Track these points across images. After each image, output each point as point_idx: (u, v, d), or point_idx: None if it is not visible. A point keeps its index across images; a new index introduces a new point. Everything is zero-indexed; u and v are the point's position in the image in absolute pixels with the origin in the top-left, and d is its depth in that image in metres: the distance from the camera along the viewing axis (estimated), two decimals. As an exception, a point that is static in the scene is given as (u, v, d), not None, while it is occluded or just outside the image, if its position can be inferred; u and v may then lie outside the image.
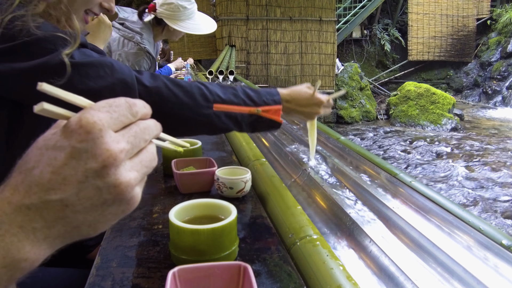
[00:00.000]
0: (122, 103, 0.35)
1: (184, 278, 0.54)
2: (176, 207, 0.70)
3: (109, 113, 0.34)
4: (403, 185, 1.37)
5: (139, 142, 0.36)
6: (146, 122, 0.38)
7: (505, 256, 0.96)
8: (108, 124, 0.33)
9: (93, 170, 0.32)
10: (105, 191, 0.33)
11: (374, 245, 1.01)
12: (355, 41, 12.44)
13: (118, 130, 0.35)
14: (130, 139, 0.35)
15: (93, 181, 0.32)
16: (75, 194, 0.32)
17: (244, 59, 8.13)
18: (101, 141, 0.32)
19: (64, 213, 0.33)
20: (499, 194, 4.75)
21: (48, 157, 0.32)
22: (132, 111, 0.36)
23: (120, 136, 0.34)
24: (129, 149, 0.34)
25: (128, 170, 0.34)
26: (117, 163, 0.33)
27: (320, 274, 0.65)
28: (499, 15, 11.83)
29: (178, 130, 0.89)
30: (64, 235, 0.34)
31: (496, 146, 6.91)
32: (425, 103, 8.70)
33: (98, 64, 0.74)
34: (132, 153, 0.35)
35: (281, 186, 0.99)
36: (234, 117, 0.89)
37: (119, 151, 0.33)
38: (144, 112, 0.38)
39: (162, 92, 0.82)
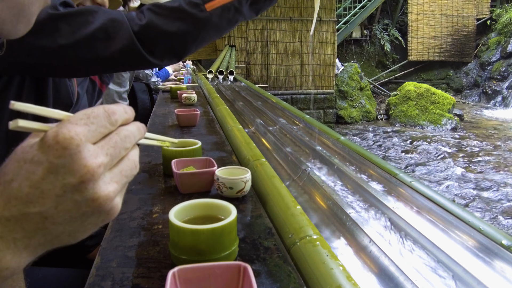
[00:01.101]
0: (100, 113, 0.35)
1: (184, 278, 0.54)
2: (176, 207, 0.70)
3: (86, 125, 0.33)
4: (403, 185, 1.37)
5: (119, 152, 0.35)
6: (127, 129, 0.37)
7: (505, 256, 0.96)
8: (85, 137, 0.33)
9: (71, 185, 0.32)
10: (84, 205, 0.33)
11: (374, 245, 1.02)
12: (355, 41, 12.44)
13: (97, 141, 0.34)
14: (110, 151, 0.34)
15: (71, 195, 0.32)
16: (54, 207, 0.32)
17: (244, 59, 8.13)
18: (78, 157, 0.32)
19: (43, 224, 0.33)
20: (499, 194, 4.76)
21: (26, 171, 0.32)
22: (111, 120, 0.35)
23: (99, 148, 0.34)
24: (107, 162, 0.34)
25: (107, 182, 0.34)
26: (95, 178, 0.33)
27: (320, 274, 0.65)
28: (499, 15, 11.83)
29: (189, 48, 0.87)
30: (45, 244, 0.34)
31: (496, 146, 6.91)
32: (425, 103, 8.70)
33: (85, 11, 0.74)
34: (111, 164, 0.35)
35: (281, 186, 0.99)
36: (231, 6, 0.85)
37: (97, 166, 0.33)
38: (125, 117, 0.37)
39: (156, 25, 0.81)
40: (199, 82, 3.90)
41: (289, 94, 8.30)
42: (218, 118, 2.00)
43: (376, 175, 1.54)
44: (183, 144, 1.16)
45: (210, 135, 1.60)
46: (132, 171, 0.37)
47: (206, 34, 0.87)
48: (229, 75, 5.47)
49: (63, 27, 0.70)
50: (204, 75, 5.12)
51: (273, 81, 8.33)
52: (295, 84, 8.43)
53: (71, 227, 0.34)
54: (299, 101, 8.31)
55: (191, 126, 1.74)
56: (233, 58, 6.86)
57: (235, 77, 5.47)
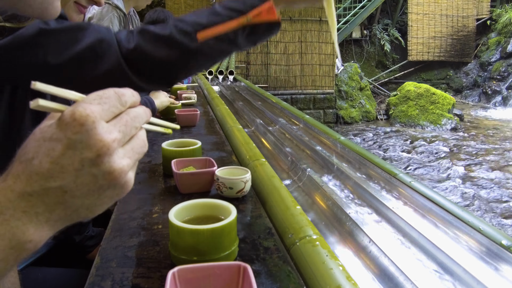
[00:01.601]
0: (111, 94, 0.38)
1: (184, 278, 0.54)
2: (176, 207, 0.70)
3: (100, 105, 0.36)
4: (402, 185, 1.37)
5: (130, 130, 0.38)
6: (135, 110, 0.40)
7: (505, 256, 0.96)
8: (100, 115, 0.35)
9: (89, 159, 0.34)
10: (101, 178, 0.36)
11: (374, 245, 1.02)
12: (355, 41, 12.44)
13: (110, 120, 0.37)
14: (122, 128, 0.37)
15: (89, 169, 0.35)
16: (73, 181, 0.35)
17: (244, 59, 8.13)
18: (95, 132, 0.34)
19: (63, 198, 0.35)
20: (499, 194, 4.76)
21: (46, 148, 0.34)
22: (121, 101, 0.38)
23: (112, 126, 0.36)
24: (121, 138, 0.37)
25: (121, 157, 0.37)
26: (110, 152, 0.35)
27: (320, 274, 0.65)
28: (499, 15, 11.83)
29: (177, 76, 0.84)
30: (64, 218, 0.37)
31: (495, 146, 6.92)
32: (425, 103, 8.70)
33: (75, 28, 0.73)
34: (124, 141, 0.38)
35: (281, 186, 0.99)
36: (225, 38, 0.81)
37: (111, 140, 0.35)
38: (133, 100, 0.40)
39: (145, 50, 0.78)
40: (199, 82, 3.90)
41: (289, 94, 8.30)
42: (218, 118, 2.00)
43: (376, 175, 1.54)
44: (183, 144, 1.16)
45: (210, 135, 1.60)
46: (142, 149, 0.40)
47: (196, 64, 0.84)
48: (229, 75, 5.47)
49: (51, 43, 0.69)
50: (204, 75, 5.12)
51: (273, 81, 8.33)
52: (295, 84, 8.43)
53: (88, 201, 0.37)
54: (299, 101, 8.31)
55: (191, 126, 1.74)
56: (233, 58, 6.87)
57: (235, 77, 5.47)
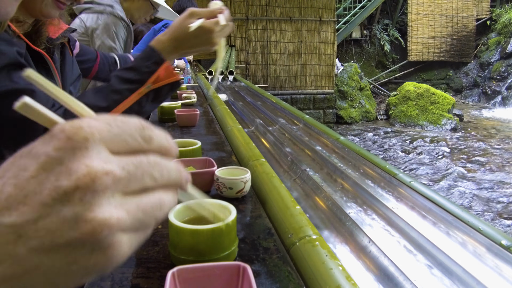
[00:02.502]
0: (131, 121, 0.27)
1: (184, 278, 0.54)
2: (175, 207, 0.70)
3: (108, 125, 0.26)
4: (402, 185, 1.37)
5: (141, 176, 0.26)
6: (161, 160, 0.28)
7: (504, 256, 0.96)
8: (101, 136, 0.25)
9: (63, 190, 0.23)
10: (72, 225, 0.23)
11: (374, 245, 1.02)
12: (354, 42, 12.45)
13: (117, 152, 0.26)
14: (129, 167, 0.26)
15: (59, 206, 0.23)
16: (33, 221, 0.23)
17: (244, 59, 8.13)
18: (82, 154, 0.24)
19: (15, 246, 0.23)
20: (499, 194, 4.76)
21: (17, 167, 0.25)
22: (143, 133, 0.27)
23: (114, 158, 0.25)
24: (122, 177, 0.25)
25: (113, 205, 0.25)
26: (95, 188, 0.24)
27: (320, 274, 0.65)
28: (498, 15, 11.84)
29: None
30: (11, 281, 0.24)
31: (495, 147, 6.92)
32: (424, 103, 8.71)
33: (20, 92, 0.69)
34: (127, 185, 0.26)
35: (280, 186, 0.99)
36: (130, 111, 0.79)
37: (103, 172, 0.24)
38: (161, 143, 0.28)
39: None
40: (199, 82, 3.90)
41: (288, 94, 8.30)
42: (217, 118, 2.00)
43: (376, 175, 1.54)
44: (182, 144, 1.16)
45: (210, 135, 1.60)
46: (155, 212, 0.27)
47: None
48: (229, 75, 5.47)
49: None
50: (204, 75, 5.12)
51: (272, 81, 8.33)
52: (295, 84, 8.44)
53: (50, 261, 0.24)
54: (298, 101, 8.32)
55: (191, 126, 1.74)
56: (233, 58, 6.87)
57: (235, 77, 5.48)
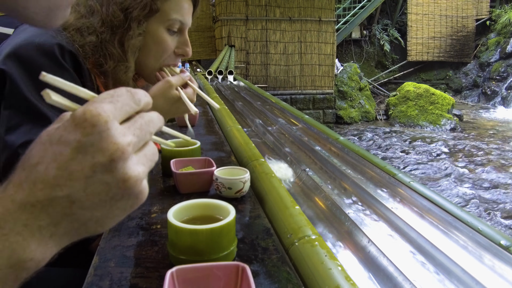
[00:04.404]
0: (123, 92, 0.34)
1: (182, 278, 0.54)
2: (174, 207, 0.70)
3: (112, 103, 0.32)
4: (401, 185, 1.37)
5: (144, 135, 0.35)
6: (149, 115, 0.37)
7: (504, 257, 0.96)
8: (113, 114, 0.32)
9: (101, 164, 0.31)
10: (114, 186, 0.32)
11: (373, 246, 1.02)
12: (354, 42, 12.45)
13: (123, 121, 0.34)
14: (136, 132, 0.34)
15: (101, 175, 0.31)
16: (83, 189, 0.31)
17: (244, 59, 8.13)
18: (108, 134, 0.31)
19: (71, 209, 0.31)
20: (498, 194, 4.76)
21: (53, 152, 0.30)
22: (134, 99, 0.35)
23: (126, 128, 0.33)
24: (135, 142, 0.33)
25: (136, 163, 0.33)
26: (125, 157, 0.31)
27: (319, 274, 0.65)
28: (498, 15, 11.85)
29: None
30: (71, 232, 0.33)
31: (495, 147, 6.92)
32: (424, 103, 8.71)
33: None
34: (138, 146, 0.34)
35: (279, 186, 0.99)
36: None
37: (126, 144, 0.32)
38: (146, 100, 0.37)
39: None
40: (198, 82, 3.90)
41: (288, 94, 8.30)
42: (217, 118, 2.00)
43: (375, 175, 1.54)
44: (182, 144, 1.16)
45: (209, 135, 1.59)
46: (154, 156, 0.36)
47: None
48: (229, 75, 5.47)
49: None
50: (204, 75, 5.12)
51: (272, 81, 8.33)
52: (295, 84, 8.44)
53: (99, 213, 0.32)
54: (298, 101, 8.32)
55: (191, 126, 1.74)
56: (232, 58, 6.87)
57: (235, 77, 5.47)
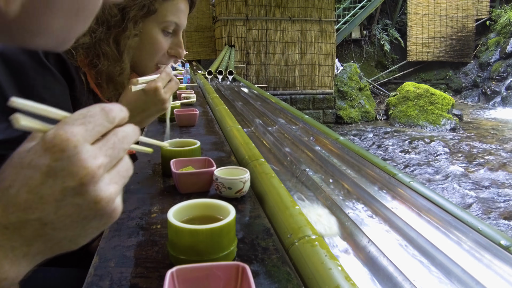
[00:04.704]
0: (97, 111, 0.33)
1: (183, 278, 0.54)
2: (174, 207, 0.70)
3: (83, 125, 0.32)
4: (401, 186, 1.37)
5: (117, 153, 0.34)
6: (124, 130, 0.36)
7: (504, 257, 0.96)
8: (83, 138, 0.31)
9: (71, 188, 0.31)
10: (85, 208, 0.32)
11: (373, 246, 1.02)
12: (354, 42, 12.45)
13: (95, 141, 0.33)
14: (108, 152, 0.33)
15: (72, 199, 0.31)
16: (54, 212, 0.31)
17: (244, 59, 8.13)
18: (77, 158, 0.30)
19: (43, 230, 0.32)
20: (498, 194, 4.76)
21: (23, 176, 0.31)
22: (108, 118, 0.34)
23: (98, 149, 0.32)
24: (107, 163, 0.33)
25: (108, 184, 0.33)
26: (95, 180, 0.31)
27: (319, 274, 0.65)
28: (498, 15, 11.85)
29: None
30: (45, 251, 0.33)
31: (495, 147, 6.92)
32: (424, 103, 8.71)
33: None
34: (111, 165, 0.34)
35: (280, 186, 0.99)
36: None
37: (96, 167, 0.31)
38: (121, 116, 0.36)
39: None
40: (198, 82, 3.90)
41: (288, 94, 8.30)
42: (217, 118, 2.00)
43: (375, 175, 1.54)
44: (182, 144, 1.16)
45: (209, 135, 1.59)
46: (128, 172, 0.36)
47: None
48: (229, 75, 5.47)
49: None
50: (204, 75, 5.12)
51: (272, 81, 8.33)
52: (295, 84, 8.44)
53: (72, 232, 0.33)
54: (298, 101, 8.32)
55: (190, 126, 1.74)
56: (232, 58, 6.87)
57: (235, 77, 5.47)
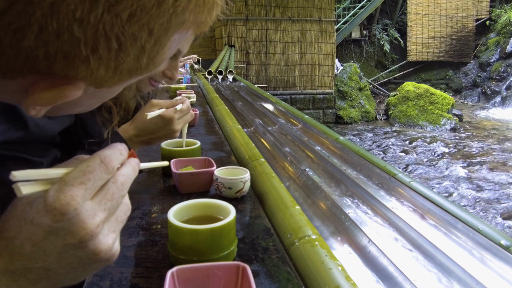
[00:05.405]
0: (96, 166, 0.35)
1: (183, 278, 0.54)
2: (175, 207, 0.70)
3: (83, 184, 0.34)
4: (402, 185, 1.37)
5: (116, 202, 0.36)
6: (123, 174, 0.37)
7: (504, 256, 0.96)
8: (83, 198, 0.33)
9: (72, 245, 0.34)
10: (85, 258, 0.35)
11: (373, 245, 1.02)
12: (354, 42, 12.44)
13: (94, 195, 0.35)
14: (107, 205, 0.35)
15: (73, 251, 0.34)
16: (56, 262, 0.34)
17: (244, 59, 8.13)
18: (77, 220, 0.33)
19: (47, 274, 0.35)
20: (498, 194, 4.76)
21: (27, 231, 0.33)
22: (108, 170, 0.36)
23: (97, 205, 0.34)
24: (106, 217, 0.35)
25: (106, 235, 0.35)
26: (95, 236, 0.34)
27: (319, 274, 0.65)
28: (498, 15, 11.84)
29: None
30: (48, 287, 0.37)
31: (495, 147, 6.92)
32: (424, 103, 8.71)
33: None
34: (109, 216, 0.36)
35: (280, 186, 0.99)
36: None
37: (95, 226, 0.34)
38: (121, 160, 0.38)
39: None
40: (198, 82, 3.90)
41: (288, 94, 8.30)
42: (217, 118, 2.00)
43: (375, 175, 1.54)
44: (182, 144, 1.16)
45: (209, 135, 1.59)
46: (126, 214, 0.39)
47: None
48: (229, 75, 5.46)
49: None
50: (204, 75, 5.12)
51: (272, 81, 8.33)
52: (294, 84, 8.43)
53: (73, 275, 0.36)
54: (298, 101, 8.32)
55: (190, 126, 1.74)
56: (232, 58, 6.86)
57: (235, 77, 5.47)
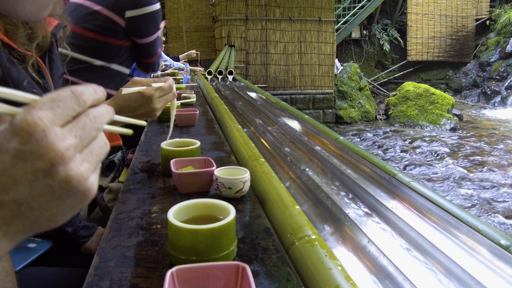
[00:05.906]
0: (66, 95, 0.34)
1: (183, 278, 0.54)
2: (174, 207, 0.70)
3: (51, 109, 0.33)
4: (401, 185, 1.37)
5: (89, 133, 0.35)
6: (97, 110, 0.37)
7: (504, 256, 0.96)
8: (51, 121, 0.32)
9: (42, 170, 0.32)
10: (58, 188, 0.33)
11: (373, 245, 1.02)
12: (354, 42, 12.45)
13: (65, 124, 0.34)
14: (79, 132, 0.34)
15: (43, 179, 0.33)
16: (28, 193, 0.33)
17: (243, 59, 8.13)
18: (45, 141, 0.32)
19: (20, 210, 0.33)
20: (498, 194, 4.76)
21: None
22: (78, 101, 0.35)
23: (67, 131, 0.34)
24: (77, 143, 0.34)
25: (79, 163, 0.34)
26: (65, 160, 0.33)
27: (319, 274, 0.65)
28: (498, 15, 11.85)
29: None
30: (24, 230, 0.35)
31: (495, 147, 6.92)
32: (424, 103, 8.71)
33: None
34: (82, 145, 0.35)
35: (280, 186, 0.99)
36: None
37: (65, 148, 0.33)
38: (94, 98, 0.37)
39: None
40: (198, 82, 3.90)
41: (288, 94, 8.31)
42: (217, 118, 2.00)
43: (375, 175, 1.54)
44: (182, 144, 1.16)
45: (209, 135, 1.59)
46: (102, 149, 0.37)
47: None
48: (228, 75, 5.47)
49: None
50: (203, 75, 5.12)
51: (272, 81, 8.33)
52: (294, 84, 8.44)
53: (48, 211, 0.34)
54: (298, 101, 8.32)
55: (190, 126, 1.74)
56: (232, 58, 6.87)
57: (235, 77, 5.47)
